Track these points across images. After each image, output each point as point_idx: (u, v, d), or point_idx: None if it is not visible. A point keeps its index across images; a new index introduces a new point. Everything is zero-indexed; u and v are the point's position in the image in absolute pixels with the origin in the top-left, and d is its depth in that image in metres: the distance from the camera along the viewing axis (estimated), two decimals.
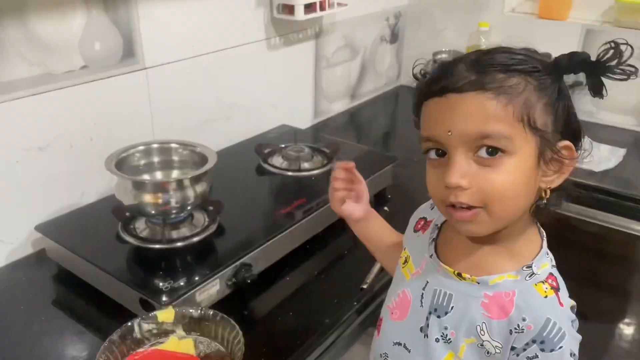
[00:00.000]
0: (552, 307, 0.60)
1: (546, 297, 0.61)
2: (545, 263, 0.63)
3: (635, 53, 0.61)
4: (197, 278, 0.91)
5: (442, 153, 0.60)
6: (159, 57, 1.24)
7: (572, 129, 0.61)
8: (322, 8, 1.48)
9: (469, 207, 0.59)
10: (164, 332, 0.86)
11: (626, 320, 1.62)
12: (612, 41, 0.58)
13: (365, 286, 1.01)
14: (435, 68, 0.63)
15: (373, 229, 0.87)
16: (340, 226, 1.18)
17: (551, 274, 0.63)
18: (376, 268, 1.05)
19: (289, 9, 1.44)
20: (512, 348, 0.60)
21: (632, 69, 0.58)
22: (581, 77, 0.61)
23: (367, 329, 1.03)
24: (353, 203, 0.86)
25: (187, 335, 0.87)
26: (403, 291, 0.72)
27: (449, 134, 0.58)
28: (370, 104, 2.00)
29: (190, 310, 0.86)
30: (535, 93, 0.57)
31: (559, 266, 0.67)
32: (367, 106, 1.99)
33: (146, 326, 0.85)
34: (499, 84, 0.56)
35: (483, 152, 0.57)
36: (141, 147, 1.08)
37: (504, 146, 0.57)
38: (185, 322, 0.86)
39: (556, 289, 0.62)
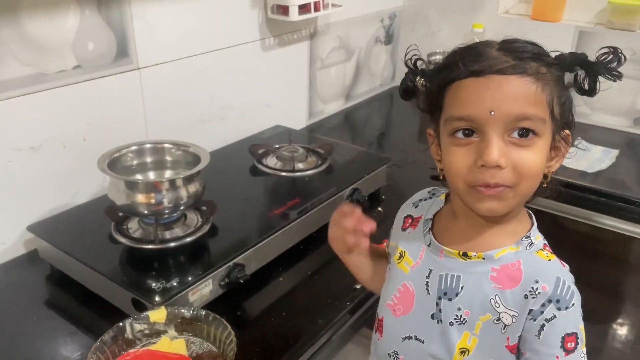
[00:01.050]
0: (558, 268, 0.64)
1: (550, 260, 0.65)
2: (538, 235, 0.67)
3: (627, 54, 0.65)
4: (189, 278, 0.91)
5: (469, 133, 0.61)
6: (153, 57, 1.24)
7: (571, 119, 0.66)
8: (316, 9, 1.49)
9: (497, 185, 0.61)
10: (155, 333, 0.86)
11: (619, 320, 1.63)
12: (611, 47, 0.63)
13: (358, 286, 1.01)
14: (460, 51, 0.64)
15: (358, 265, 0.82)
16: None
17: (545, 244, 0.67)
18: None
19: (284, 10, 1.44)
20: (530, 311, 0.62)
21: (620, 74, 0.64)
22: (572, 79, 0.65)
23: (361, 329, 1.03)
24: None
25: (179, 336, 0.87)
26: (404, 285, 0.72)
27: (492, 113, 0.59)
28: (365, 105, 2.01)
29: (183, 311, 0.86)
30: (555, 84, 0.62)
31: None
32: (362, 107, 1.99)
33: (138, 326, 0.85)
34: (537, 71, 0.60)
35: (515, 134, 0.60)
36: (134, 147, 1.08)
37: (537, 129, 0.60)
38: (177, 323, 0.87)
39: (555, 255, 0.66)
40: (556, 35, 1.75)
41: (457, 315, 0.66)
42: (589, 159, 1.54)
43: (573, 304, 0.61)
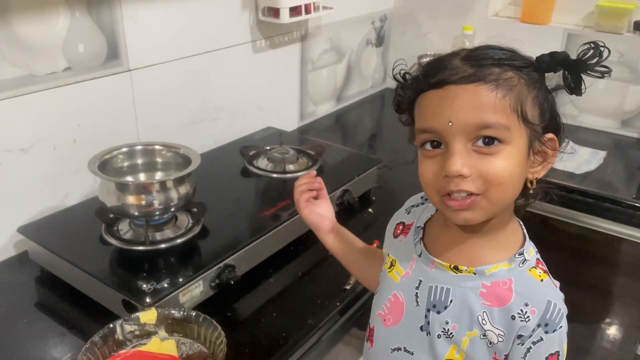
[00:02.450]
0: (550, 289, 0.64)
1: (542, 280, 0.64)
2: (532, 250, 0.66)
3: (615, 56, 0.64)
4: (180, 279, 0.91)
5: (437, 144, 0.62)
6: (144, 59, 1.24)
7: (555, 122, 0.64)
8: (307, 11, 1.49)
9: (467, 197, 0.60)
10: (146, 334, 0.86)
11: (607, 320, 1.64)
12: (592, 42, 0.61)
13: (348, 287, 1.02)
14: (426, 64, 0.65)
15: (344, 241, 0.88)
16: None
17: (538, 259, 0.66)
18: None
19: (275, 12, 1.45)
20: (519, 337, 0.62)
21: (607, 69, 0.61)
22: (562, 79, 0.64)
23: (350, 329, 1.04)
24: (320, 214, 0.88)
25: (170, 337, 0.87)
26: (394, 295, 0.72)
27: (450, 124, 0.59)
28: (356, 107, 2.02)
29: (173, 312, 0.87)
30: (525, 87, 0.60)
31: None
32: (353, 109, 2.00)
33: (128, 327, 0.85)
34: (497, 77, 0.59)
35: (480, 142, 0.59)
36: (125, 149, 1.08)
37: (502, 136, 0.59)
38: (167, 323, 0.87)
39: (547, 272, 0.65)
40: (545, 37, 1.77)
41: (444, 329, 0.66)
42: (577, 161, 1.56)
43: (561, 327, 0.61)
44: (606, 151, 1.61)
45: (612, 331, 1.64)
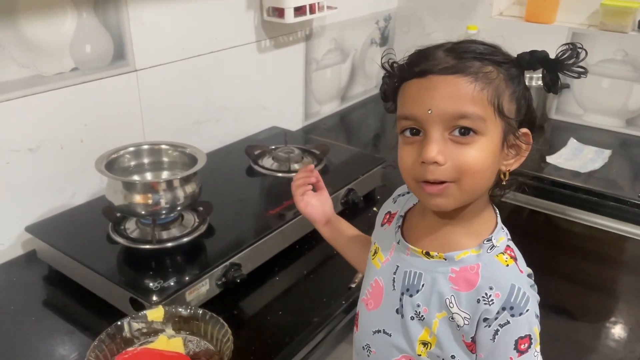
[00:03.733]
0: (515, 274, 0.65)
1: (507, 265, 0.66)
2: (502, 237, 0.68)
3: (620, 55, 0.65)
4: (186, 278, 0.92)
5: (416, 132, 0.64)
6: (150, 59, 1.25)
7: (529, 117, 0.67)
8: (311, 11, 1.50)
9: (441, 182, 0.63)
10: (153, 331, 0.87)
11: (612, 318, 1.64)
12: (570, 43, 0.64)
13: (353, 285, 1.03)
14: (412, 54, 0.67)
15: (340, 231, 0.91)
16: None
17: (508, 246, 0.68)
18: None
19: (279, 12, 1.45)
20: (485, 320, 0.64)
21: (583, 70, 0.64)
22: (568, 80, 0.66)
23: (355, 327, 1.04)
24: (317, 206, 0.90)
25: (177, 334, 0.88)
26: (375, 280, 0.75)
27: (429, 112, 0.61)
28: (360, 106, 2.02)
29: (180, 310, 0.87)
30: (504, 82, 0.63)
31: (545, 265, 0.69)
32: (357, 108, 2.00)
33: (136, 325, 0.85)
34: (477, 70, 0.61)
35: (457, 132, 0.62)
36: (131, 149, 1.09)
37: (477, 127, 0.61)
38: (174, 321, 0.88)
39: (515, 259, 0.67)
40: (549, 37, 1.77)
41: (416, 312, 0.69)
42: (582, 159, 1.56)
43: (527, 310, 0.63)
44: (611, 150, 1.61)
45: (617, 330, 1.63)
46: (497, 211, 0.71)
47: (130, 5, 1.17)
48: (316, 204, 0.90)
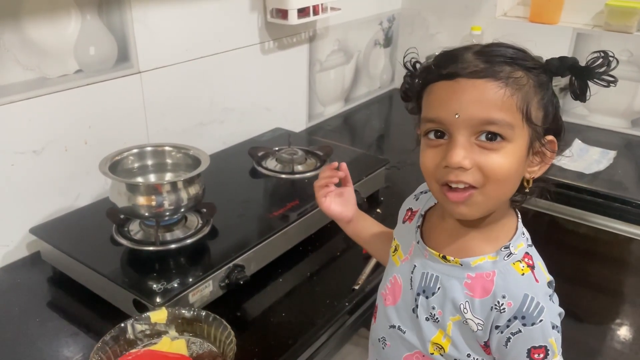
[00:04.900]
0: (529, 284, 0.64)
1: (523, 274, 0.65)
2: (521, 243, 0.67)
3: (625, 55, 0.65)
4: (190, 279, 0.92)
5: (441, 135, 0.63)
6: (153, 61, 1.25)
7: (557, 125, 0.66)
8: (315, 12, 1.50)
9: (465, 189, 0.62)
10: (156, 333, 0.87)
11: (617, 320, 1.63)
12: (602, 51, 0.62)
13: (356, 287, 1.02)
14: (439, 54, 0.66)
15: (363, 228, 0.91)
16: (332, 228, 1.19)
17: (527, 252, 0.67)
18: (368, 269, 1.06)
19: (283, 14, 1.45)
20: (496, 327, 0.64)
21: (614, 79, 0.62)
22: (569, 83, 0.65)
23: (359, 329, 1.04)
24: (341, 205, 0.89)
25: (180, 336, 0.88)
26: (394, 277, 0.76)
27: (457, 116, 0.60)
28: (364, 107, 2.02)
29: (183, 311, 0.87)
30: (533, 89, 0.61)
31: (550, 267, 0.69)
32: (361, 109, 2.00)
33: (139, 327, 0.86)
34: (507, 75, 0.60)
35: (483, 137, 0.61)
36: (135, 150, 1.09)
37: (505, 133, 0.60)
38: (178, 323, 0.88)
39: (532, 267, 0.66)
40: (554, 37, 1.77)
41: (431, 314, 0.69)
42: (587, 160, 1.55)
43: (541, 320, 0.62)
44: (616, 151, 1.61)
45: (623, 332, 1.63)
46: (519, 216, 0.70)
47: (134, 7, 1.17)
48: (338, 205, 0.89)
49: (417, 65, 0.70)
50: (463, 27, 1.92)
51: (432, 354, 0.70)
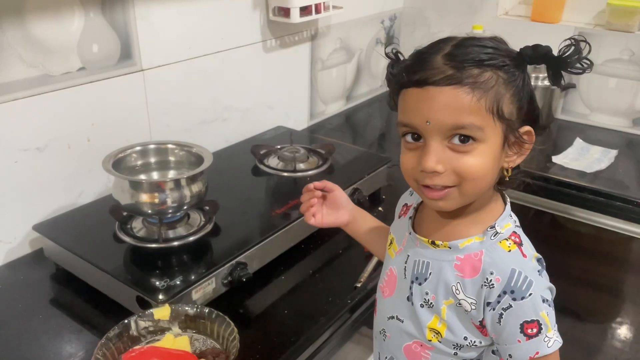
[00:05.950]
0: (516, 259, 0.66)
1: (509, 251, 0.67)
2: (508, 224, 0.69)
3: (626, 55, 0.65)
4: (193, 277, 0.92)
5: (417, 137, 0.65)
6: (156, 59, 1.25)
7: (532, 114, 0.66)
8: (317, 11, 1.50)
9: (442, 188, 0.64)
10: (160, 330, 0.87)
11: (618, 319, 1.64)
12: (572, 38, 0.63)
13: (358, 285, 1.03)
14: (412, 56, 0.67)
15: (362, 227, 0.92)
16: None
17: (514, 232, 0.69)
18: (370, 267, 1.07)
19: (285, 12, 1.45)
20: (487, 304, 0.65)
21: (588, 63, 0.63)
22: (574, 79, 0.65)
23: (361, 327, 1.05)
24: (333, 213, 0.90)
25: (183, 333, 0.88)
26: (390, 269, 0.78)
27: (427, 123, 0.62)
28: (366, 106, 2.02)
29: (186, 308, 0.88)
30: (504, 85, 0.62)
31: (551, 266, 0.70)
32: (363, 108, 2.00)
33: (142, 323, 0.86)
34: (474, 80, 0.61)
35: (456, 140, 0.63)
36: (138, 148, 1.10)
37: (476, 135, 0.62)
38: (181, 320, 0.88)
39: (519, 244, 0.68)
40: (555, 36, 1.76)
41: (425, 299, 0.71)
42: (588, 159, 1.56)
43: (530, 294, 0.63)
44: (617, 150, 1.61)
45: (624, 330, 1.63)
46: (508, 200, 0.72)
47: (137, 5, 1.17)
48: (330, 215, 0.89)
49: (399, 56, 0.71)
50: (465, 25, 1.92)
51: (430, 340, 0.71)
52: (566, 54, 0.63)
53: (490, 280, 0.64)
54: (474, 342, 0.69)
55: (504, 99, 0.62)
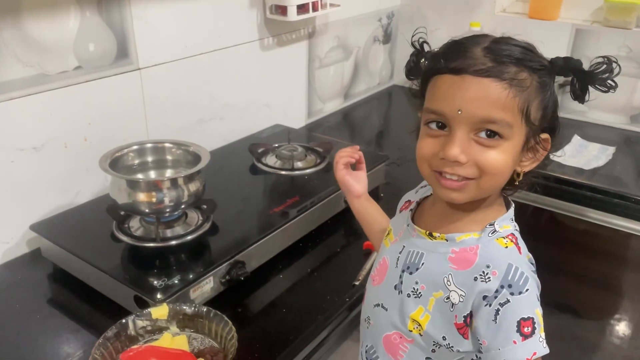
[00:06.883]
0: (513, 256, 0.66)
1: (506, 247, 0.67)
2: (508, 226, 0.69)
3: (624, 51, 0.66)
4: (191, 276, 0.92)
5: (442, 126, 0.65)
6: (153, 57, 1.25)
7: (553, 124, 0.68)
8: (314, 9, 1.50)
9: (459, 179, 0.64)
10: (158, 329, 0.87)
11: (616, 316, 1.64)
12: (606, 56, 0.64)
13: (357, 283, 1.03)
14: (448, 44, 0.67)
15: (370, 211, 0.94)
16: (332, 224, 1.20)
17: (512, 234, 0.69)
18: (368, 265, 1.07)
19: (282, 10, 1.45)
20: (484, 297, 0.64)
21: (614, 84, 0.65)
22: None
23: (359, 325, 1.04)
24: (354, 180, 0.93)
25: (181, 332, 0.88)
26: (383, 258, 0.78)
27: (459, 112, 0.62)
28: (363, 104, 2.02)
29: (184, 307, 0.88)
30: (535, 90, 0.63)
31: (549, 263, 0.70)
32: (360, 106, 2.00)
33: (140, 323, 0.86)
34: (513, 77, 0.61)
35: (482, 134, 0.62)
36: (135, 147, 1.09)
37: (503, 132, 0.62)
38: (179, 319, 0.88)
39: (515, 242, 0.68)
40: (553, 33, 1.77)
41: (414, 289, 0.71)
42: (586, 156, 1.56)
43: (527, 289, 0.63)
44: (615, 147, 1.61)
45: (622, 327, 1.63)
46: (512, 205, 0.72)
47: (133, 4, 1.17)
48: (351, 178, 0.93)
49: (425, 46, 0.71)
50: (462, 23, 1.92)
51: (411, 332, 0.71)
52: (597, 71, 0.63)
53: (487, 274, 0.64)
54: (451, 345, 0.68)
55: (534, 103, 0.63)
